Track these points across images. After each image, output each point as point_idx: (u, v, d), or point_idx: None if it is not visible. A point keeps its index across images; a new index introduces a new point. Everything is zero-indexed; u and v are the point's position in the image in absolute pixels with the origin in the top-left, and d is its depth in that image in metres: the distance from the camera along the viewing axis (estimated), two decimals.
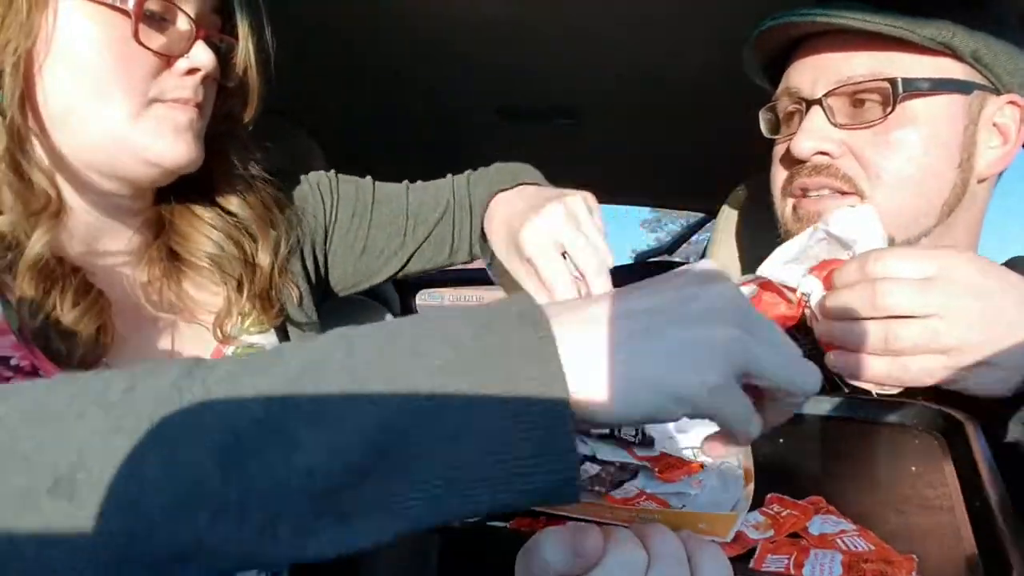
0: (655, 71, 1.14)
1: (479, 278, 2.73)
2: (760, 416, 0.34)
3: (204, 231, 0.64)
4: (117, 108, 0.53)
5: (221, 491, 0.27)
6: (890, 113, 0.60)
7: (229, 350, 0.64)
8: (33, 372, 0.51)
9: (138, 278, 0.62)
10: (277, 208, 0.70)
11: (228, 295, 0.64)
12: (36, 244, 0.51)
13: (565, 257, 0.57)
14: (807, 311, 0.55)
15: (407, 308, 2.31)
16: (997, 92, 0.63)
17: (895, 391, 0.58)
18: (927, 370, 0.45)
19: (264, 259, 0.67)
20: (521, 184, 0.73)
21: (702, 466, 0.48)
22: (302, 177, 0.78)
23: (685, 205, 2.12)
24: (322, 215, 0.77)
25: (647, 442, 0.51)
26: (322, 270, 0.77)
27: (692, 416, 0.32)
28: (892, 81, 0.59)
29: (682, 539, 0.35)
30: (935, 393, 0.50)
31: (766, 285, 0.58)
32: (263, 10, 0.64)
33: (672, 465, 0.49)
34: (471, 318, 0.32)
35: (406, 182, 0.84)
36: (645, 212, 17.30)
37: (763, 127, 0.72)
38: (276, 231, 0.68)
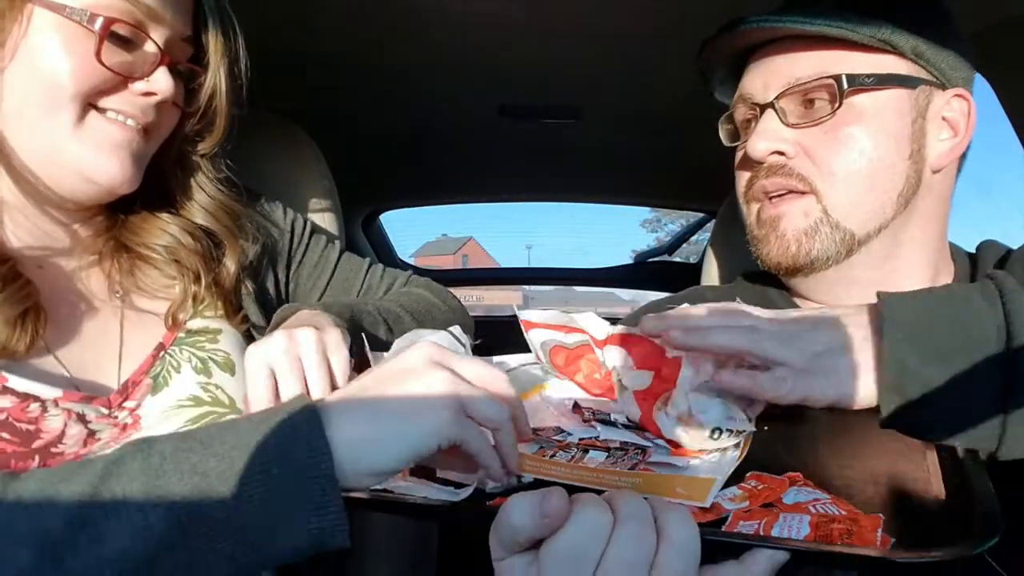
0: (655, 71, 1.14)
1: (479, 278, 2.73)
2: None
3: (159, 225, 0.66)
4: (58, 119, 0.54)
5: None
6: (838, 109, 0.62)
7: (176, 336, 0.65)
8: None
9: (86, 269, 0.63)
10: (245, 220, 0.72)
11: (184, 286, 0.66)
12: None
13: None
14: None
15: None
16: (943, 87, 0.64)
17: None
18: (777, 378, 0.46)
19: (230, 265, 0.69)
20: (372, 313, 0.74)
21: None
22: (279, 207, 0.81)
23: (685, 205, 2.12)
24: (285, 250, 0.80)
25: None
26: (283, 292, 0.80)
27: (444, 446, 0.41)
28: (836, 78, 0.62)
29: (650, 503, 0.36)
30: None
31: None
32: (240, 38, 0.66)
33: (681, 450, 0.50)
34: (255, 418, 0.40)
35: (368, 260, 0.89)
36: (645, 212, 17.34)
37: (723, 136, 0.74)
38: (243, 241, 0.71)
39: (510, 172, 1.81)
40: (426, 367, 0.43)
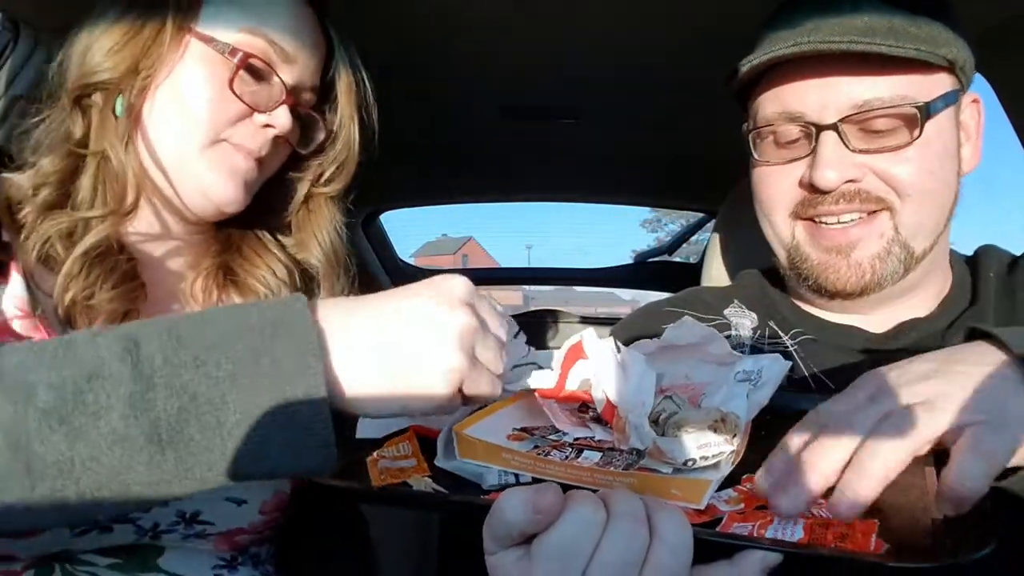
0: (656, 71, 1.14)
1: (479, 278, 2.73)
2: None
3: (268, 262, 0.69)
4: (191, 138, 0.60)
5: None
6: (918, 138, 0.59)
7: None
8: None
9: (189, 283, 0.66)
10: (346, 261, 0.74)
11: None
12: (99, 234, 0.56)
13: None
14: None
15: None
16: (964, 92, 0.64)
17: None
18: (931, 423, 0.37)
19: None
20: None
21: None
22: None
23: (685, 205, 2.12)
24: None
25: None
26: None
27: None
28: (920, 107, 0.59)
29: (644, 501, 0.36)
30: None
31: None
32: (368, 88, 0.72)
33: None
34: (254, 340, 0.37)
35: None
36: (645, 212, 17.35)
37: (754, 150, 0.68)
38: (340, 284, 0.73)
39: (510, 172, 1.81)
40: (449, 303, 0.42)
